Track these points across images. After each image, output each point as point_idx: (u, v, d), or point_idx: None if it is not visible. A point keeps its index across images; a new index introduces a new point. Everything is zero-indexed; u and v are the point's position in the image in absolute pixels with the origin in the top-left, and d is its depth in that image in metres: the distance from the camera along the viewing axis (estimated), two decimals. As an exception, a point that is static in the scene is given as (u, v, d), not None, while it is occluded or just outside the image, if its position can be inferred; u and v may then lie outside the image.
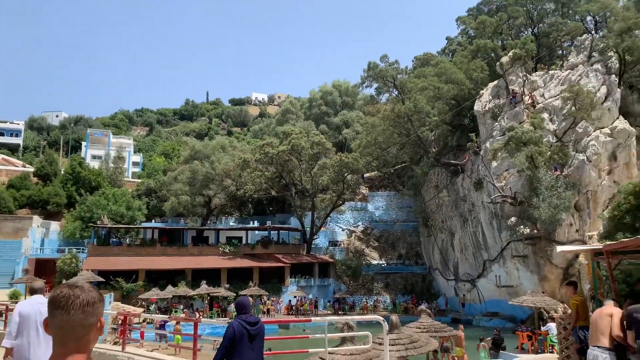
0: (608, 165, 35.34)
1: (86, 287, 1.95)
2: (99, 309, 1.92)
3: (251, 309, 6.25)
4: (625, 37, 37.53)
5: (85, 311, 1.84)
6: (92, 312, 1.86)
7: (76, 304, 1.84)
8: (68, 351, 1.82)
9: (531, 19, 53.60)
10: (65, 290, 1.89)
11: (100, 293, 1.99)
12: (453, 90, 45.67)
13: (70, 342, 1.82)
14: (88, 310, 1.85)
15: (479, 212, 40.66)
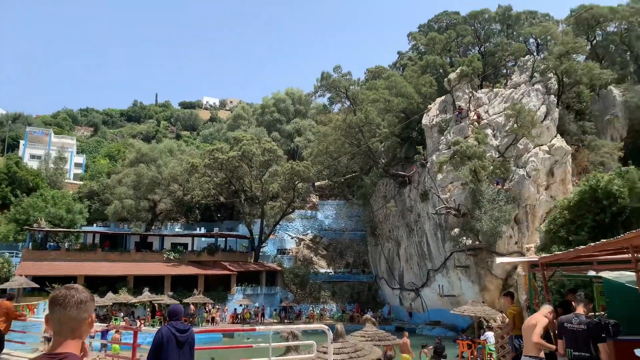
0: (546, 180, 37.13)
1: (80, 289, 2.38)
2: (90, 306, 2.36)
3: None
4: (564, 60, 39.78)
5: (79, 308, 2.29)
6: (85, 308, 2.32)
7: (72, 302, 2.28)
8: (64, 339, 2.25)
9: (478, 38, 55.93)
10: (63, 291, 2.33)
11: (91, 294, 2.42)
12: (403, 103, 46.81)
13: (67, 333, 2.25)
14: (81, 307, 2.30)
15: (425, 222, 41.65)
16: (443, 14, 60.98)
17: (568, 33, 45.76)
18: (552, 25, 49.33)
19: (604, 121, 43.90)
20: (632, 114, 43.42)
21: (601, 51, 53.58)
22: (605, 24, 52.37)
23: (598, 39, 55.09)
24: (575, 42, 41.72)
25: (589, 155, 39.79)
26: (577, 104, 43.64)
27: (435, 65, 49.85)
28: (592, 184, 24.59)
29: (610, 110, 44.26)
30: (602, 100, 45.26)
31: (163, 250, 46.92)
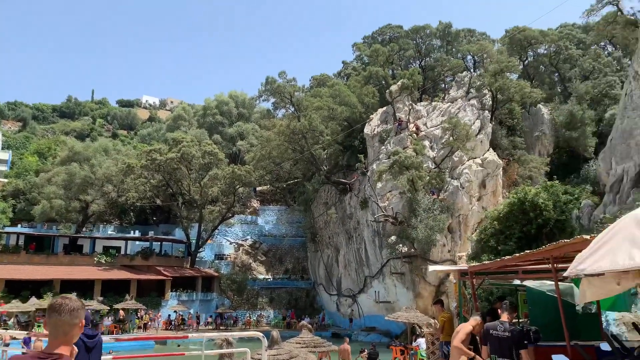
0: (478, 192, 38.78)
1: (73, 298, 2.74)
2: (81, 313, 2.71)
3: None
4: (498, 77, 41.82)
5: (71, 314, 2.64)
6: (76, 315, 2.66)
7: (66, 309, 2.64)
8: (58, 342, 2.59)
9: (419, 53, 57.80)
10: (59, 300, 2.70)
11: (82, 302, 2.79)
12: (346, 112, 47.47)
13: (61, 336, 2.61)
14: (73, 314, 2.65)
15: (363, 229, 42.31)
16: (387, 27, 62.54)
17: (503, 52, 48.28)
18: (488, 44, 51.94)
19: (533, 137, 46.51)
20: (558, 131, 46.31)
21: (532, 71, 56.87)
22: (536, 45, 55.68)
23: (529, 60, 58.42)
24: (509, 61, 44.00)
25: (518, 169, 41.96)
26: (509, 120, 45.98)
27: (378, 77, 50.96)
28: (520, 196, 25.88)
29: (539, 127, 46.98)
30: (531, 118, 47.97)
31: (94, 254, 44.81)
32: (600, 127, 45.60)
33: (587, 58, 53.01)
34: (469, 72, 50.84)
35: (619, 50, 55.75)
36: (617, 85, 47.70)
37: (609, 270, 4.76)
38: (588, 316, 10.59)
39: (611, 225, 5.12)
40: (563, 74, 55.88)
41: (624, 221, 4.77)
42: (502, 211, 27.18)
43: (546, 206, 24.91)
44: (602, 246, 4.89)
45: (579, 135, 43.87)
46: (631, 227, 4.58)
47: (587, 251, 5.07)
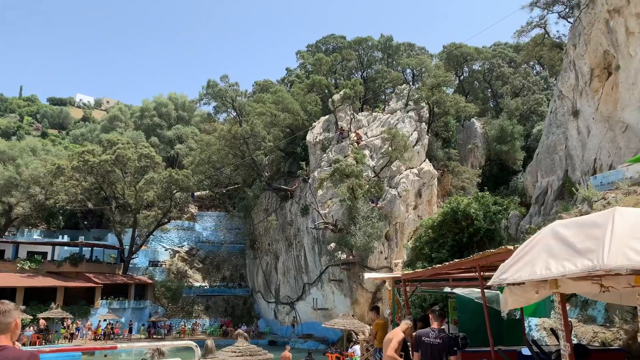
0: (414, 201, 39.91)
1: (6, 302, 3.23)
2: (13, 314, 3.17)
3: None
4: (435, 91, 43.36)
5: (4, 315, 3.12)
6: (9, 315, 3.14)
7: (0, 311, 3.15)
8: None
9: (362, 64, 58.96)
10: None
11: (14, 304, 3.25)
12: (289, 119, 47.52)
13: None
14: (6, 314, 3.13)
15: (304, 236, 42.38)
16: (330, 36, 63.36)
17: (440, 67, 50.20)
18: (427, 59, 53.87)
19: (466, 150, 48.53)
20: (490, 144, 48.59)
21: (467, 86, 59.47)
22: (472, 62, 58.39)
23: (465, 75, 61.09)
24: (446, 76, 45.79)
25: (452, 180, 43.59)
26: (444, 132, 47.78)
27: (321, 85, 51.41)
28: (453, 206, 26.90)
29: (472, 140, 49.09)
30: (465, 131, 50.08)
31: (17, 260, 42.04)
32: (528, 142, 48.27)
33: (517, 76, 56.07)
34: (408, 85, 52.39)
35: (546, 70, 59.38)
36: (544, 102, 50.73)
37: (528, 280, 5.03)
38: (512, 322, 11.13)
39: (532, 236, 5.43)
40: (495, 90, 58.80)
41: (542, 233, 5.07)
42: (436, 220, 28.12)
43: (477, 216, 26.04)
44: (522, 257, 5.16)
45: (509, 149, 46.19)
46: (548, 238, 4.87)
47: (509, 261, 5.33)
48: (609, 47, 23.56)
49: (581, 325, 12.77)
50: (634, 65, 21.98)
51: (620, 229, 4.13)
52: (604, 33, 23.70)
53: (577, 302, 13.51)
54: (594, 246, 4.22)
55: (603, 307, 12.67)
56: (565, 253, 4.53)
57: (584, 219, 4.74)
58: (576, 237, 4.51)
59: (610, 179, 19.63)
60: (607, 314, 12.58)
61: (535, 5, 31.08)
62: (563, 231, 4.71)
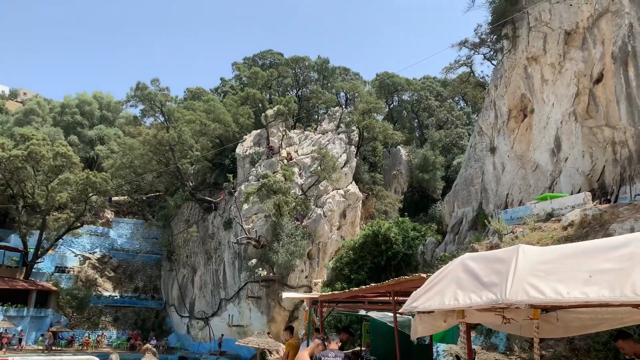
0: (339, 221, 40.45)
1: None
2: None
3: None
4: (366, 116, 44.63)
5: None
6: None
7: None
8: None
9: (297, 82, 59.53)
10: None
11: None
12: (219, 129, 46.79)
13: None
14: None
15: (224, 251, 41.52)
16: (268, 52, 63.53)
17: (372, 94, 51.85)
18: (360, 85, 55.44)
19: (391, 175, 50.17)
20: (413, 172, 50.55)
21: (396, 115, 61.81)
22: (402, 92, 60.90)
23: (394, 104, 63.49)
24: (377, 103, 47.31)
25: (376, 204, 44.75)
26: (372, 157, 49.20)
27: (255, 99, 51.28)
28: (375, 229, 27.52)
29: (397, 166, 50.84)
30: (391, 157, 51.81)
31: None
32: (448, 173, 50.74)
33: (442, 109, 59.09)
34: (341, 107, 53.60)
35: (469, 107, 63.12)
36: (465, 137, 53.72)
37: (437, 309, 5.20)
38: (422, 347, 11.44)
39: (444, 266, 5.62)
40: (422, 121, 61.51)
41: (453, 264, 5.26)
42: (358, 242, 28.61)
43: (396, 240, 26.80)
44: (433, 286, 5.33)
45: (430, 178, 48.30)
46: (458, 270, 5.07)
47: (421, 289, 5.48)
48: (526, 91, 25.46)
49: (484, 353, 13.40)
50: (546, 110, 23.87)
51: (522, 266, 4.37)
52: (523, 78, 25.61)
53: (482, 331, 14.18)
54: (498, 280, 4.44)
55: (505, 337, 13.38)
56: (472, 285, 4.73)
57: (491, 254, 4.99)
58: (483, 271, 4.72)
59: (519, 214, 20.99)
60: (508, 342, 13.30)
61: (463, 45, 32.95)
62: (472, 264, 4.93)
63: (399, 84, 58.26)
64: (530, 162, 24.64)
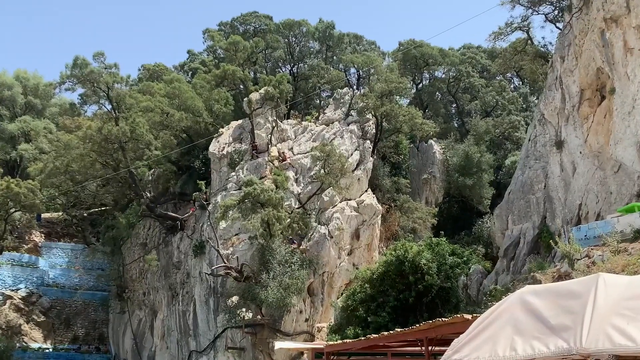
0: (350, 244, 40.37)
1: None
2: None
3: None
4: (385, 100, 44.58)
5: None
6: None
7: None
8: None
9: (292, 55, 59.64)
10: None
11: None
12: (186, 120, 46.86)
13: None
14: None
15: (195, 285, 41.51)
16: (252, 15, 63.67)
17: (394, 70, 51.80)
18: (378, 57, 55.45)
19: (421, 180, 50.13)
20: (451, 175, 50.45)
21: (426, 98, 61.89)
22: (434, 67, 60.93)
23: (424, 83, 63.57)
24: (400, 82, 47.34)
25: (400, 219, 44.70)
26: (394, 155, 49.16)
27: (235, 79, 51.27)
28: (399, 254, 27.48)
29: (429, 168, 50.81)
30: (421, 155, 51.82)
31: None
32: (498, 176, 50.69)
33: (490, 90, 59.11)
34: (352, 89, 53.55)
35: (527, 86, 63.11)
36: (522, 127, 53.66)
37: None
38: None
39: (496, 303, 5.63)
40: (461, 105, 61.56)
41: (508, 301, 5.27)
42: (377, 271, 28.57)
43: (429, 269, 26.74)
44: (482, 330, 5.33)
45: (474, 183, 48.22)
46: (516, 309, 5.07)
47: (465, 336, 5.49)
48: (603, 65, 25.37)
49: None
50: (632, 90, 23.70)
51: (603, 303, 4.37)
52: (599, 46, 25.55)
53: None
54: (570, 323, 4.43)
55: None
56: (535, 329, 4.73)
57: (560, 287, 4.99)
58: (550, 310, 4.72)
59: (597, 231, 20.93)
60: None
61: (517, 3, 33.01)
62: (534, 301, 4.93)
63: (429, 55, 58.36)
64: (611, 160, 24.58)
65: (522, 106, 59.39)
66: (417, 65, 59.52)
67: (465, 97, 60.85)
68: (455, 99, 61.83)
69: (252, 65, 56.90)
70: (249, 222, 36.38)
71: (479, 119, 54.88)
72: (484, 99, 58.51)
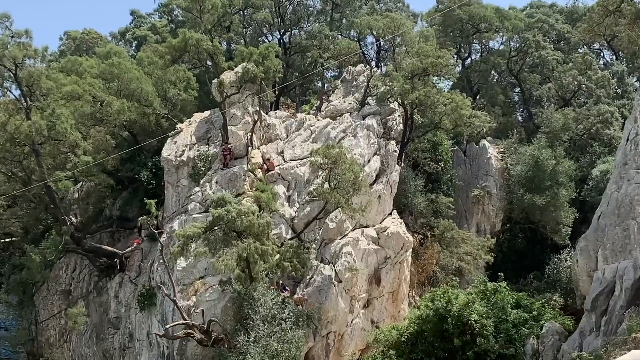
0: (367, 291, 40.06)
1: None
2: None
3: None
4: (418, 83, 44.32)
5: None
6: None
7: None
8: None
9: (281, 18, 59.47)
10: None
11: None
12: (130, 112, 46.63)
13: None
14: None
15: (141, 351, 41.31)
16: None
17: (429, 38, 51.57)
18: (406, 21, 55.17)
19: (469, 198, 49.87)
20: (513, 191, 50.06)
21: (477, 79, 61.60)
22: (488, 34, 60.59)
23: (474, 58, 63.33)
24: (439, 57, 46.96)
25: (440, 255, 44.44)
26: (431, 162, 48.85)
27: (200, 51, 51.05)
28: (439, 306, 27.35)
29: (481, 180, 50.51)
30: (469, 162, 51.60)
31: None
32: (583, 192, 50.34)
33: (569, 68, 58.67)
34: (369, 66, 53.36)
35: (622, 62, 62.80)
36: (616, 121, 53.29)
37: None
38: None
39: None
40: (528, 90, 61.28)
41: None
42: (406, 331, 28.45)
43: (483, 328, 26.59)
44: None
45: (548, 203, 47.85)
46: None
47: None
48: None
49: None
50: None
51: None
52: None
53: None
54: None
55: None
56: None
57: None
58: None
59: None
60: None
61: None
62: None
63: (482, 18, 58.23)
64: None
65: (616, 91, 59.15)
66: (464, 32, 59.46)
67: (533, 79, 60.65)
68: (518, 80, 61.62)
69: (225, 32, 56.84)
70: (220, 259, 36.13)
71: (554, 109, 54.64)
72: (561, 81, 58.19)
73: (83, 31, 61.49)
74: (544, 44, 60.55)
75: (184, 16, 57.55)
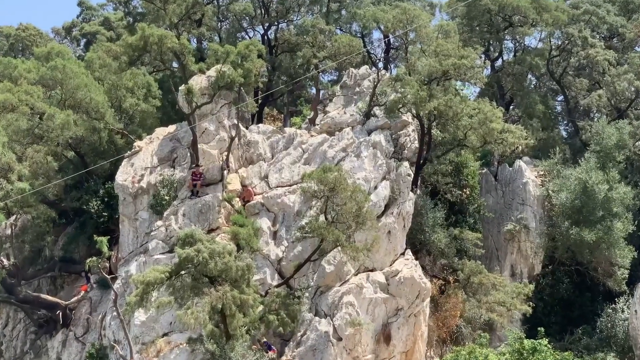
0: (374, 351, 39.91)
1: None
2: None
3: None
4: (437, 90, 44.30)
5: None
6: None
7: None
8: None
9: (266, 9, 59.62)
10: None
11: None
12: (77, 125, 46.54)
13: None
14: None
15: None
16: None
17: (450, 33, 51.69)
18: (421, 12, 55.32)
19: (502, 234, 49.76)
20: (556, 227, 49.89)
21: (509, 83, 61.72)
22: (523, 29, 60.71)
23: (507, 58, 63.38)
24: (463, 56, 46.99)
25: (465, 304, 44.28)
26: (454, 189, 48.76)
27: (164, 51, 51.09)
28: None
29: (516, 210, 50.42)
30: (502, 188, 51.52)
31: None
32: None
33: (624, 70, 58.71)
34: (375, 68, 53.42)
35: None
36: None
37: None
38: None
39: None
40: (574, 97, 61.36)
41: None
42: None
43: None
44: None
45: (600, 239, 47.73)
46: None
47: None
48: None
49: None
50: None
51: None
52: None
53: None
54: None
55: None
56: None
57: None
58: None
59: None
60: None
61: None
62: None
63: (515, 9, 58.32)
64: None
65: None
66: (493, 26, 59.59)
67: (579, 84, 60.76)
68: (561, 86, 61.80)
69: (196, 27, 56.87)
70: (189, 311, 35.98)
71: (605, 122, 54.65)
72: (614, 87, 58.27)
73: (18, 27, 61.46)
74: (593, 40, 60.65)
75: (144, 7, 57.59)
